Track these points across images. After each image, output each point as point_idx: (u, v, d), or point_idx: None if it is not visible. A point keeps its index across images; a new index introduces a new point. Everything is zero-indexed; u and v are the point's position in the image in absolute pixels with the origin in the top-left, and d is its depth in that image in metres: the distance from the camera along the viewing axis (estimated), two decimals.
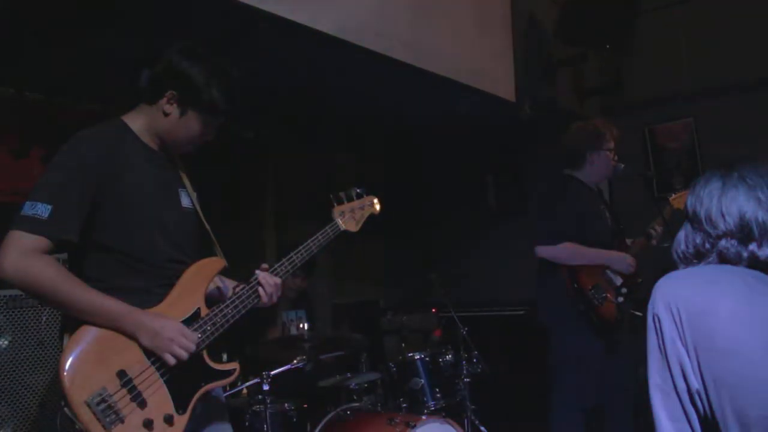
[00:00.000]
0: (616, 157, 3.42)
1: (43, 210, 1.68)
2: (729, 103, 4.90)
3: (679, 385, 1.37)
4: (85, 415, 1.60)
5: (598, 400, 3.28)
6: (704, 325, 1.34)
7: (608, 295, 3.23)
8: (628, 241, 3.51)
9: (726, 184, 1.47)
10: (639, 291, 3.26)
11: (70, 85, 3.56)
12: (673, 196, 3.35)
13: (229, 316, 1.94)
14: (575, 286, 3.20)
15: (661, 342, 1.40)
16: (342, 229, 2.32)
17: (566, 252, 3.21)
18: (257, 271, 2.06)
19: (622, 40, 5.24)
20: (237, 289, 2.02)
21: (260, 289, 2.02)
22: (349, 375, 3.79)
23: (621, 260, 3.29)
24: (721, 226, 1.44)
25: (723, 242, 1.43)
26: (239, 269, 2.17)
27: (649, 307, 1.44)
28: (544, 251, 3.26)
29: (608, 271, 3.32)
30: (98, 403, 1.62)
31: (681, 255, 1.51)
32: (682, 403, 1.36)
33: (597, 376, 3.20)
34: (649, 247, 3.40)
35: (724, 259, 1.43)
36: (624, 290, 3.25)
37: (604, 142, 3.37)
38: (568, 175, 3.45)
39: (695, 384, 1.34)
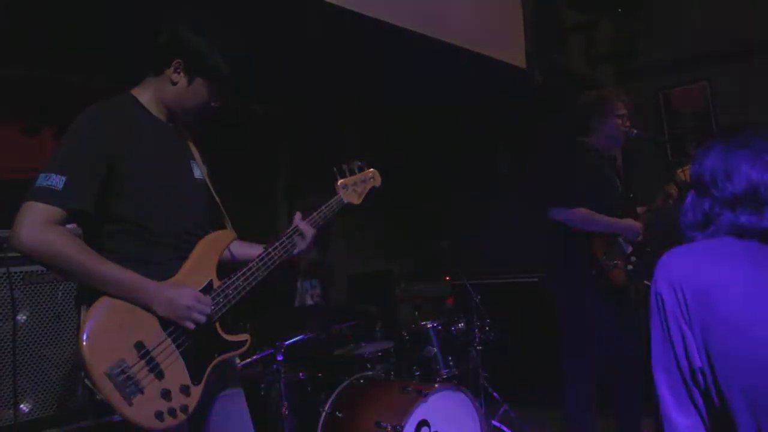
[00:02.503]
0: (627, 123, 3.40)
1: (57, 181, 1.69)
2: (744, 66, 4.82)
3: (682, 364, 1.35)
4: (106, 387, 1.63)
5: (609, 367, 3.30)
6: (709, 302, 1.32)
7: (619, 262, 3.24)
8: (640, 209, 3.51)
9: (729, 148, 1.43)
10: (648, 259, 3.27)
11: (80, 62, 3.56)
12: (681, 169, 3.34)
13: (241, 287, 1.96)
14: (586, 251, 3.21)
15: (663, 320, 1.38)
16: (345, 202, 2.35)
17: (579, 217, 3.22)
18: (295, 219, 2.15)
19: (633, 4, 5.15)
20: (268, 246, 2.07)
21: (297, 237, 2.11)
22: (362, 344, 3.84)
23: (630, 229, 3.29)
24: (729, 188, 1.40)
25: (736, 211, 1.38)
26: (250, 242, 2.20)
27: (651, 285, 1.42)
28: (558, 214, 3.27)
29: (620, 238, 3.32)
30: (118, 375, 1.65)
31: (689, 224, 1.47)
32: (686, 382, 1.35)
33: (607, 342, 3.23)
34: (668, 207, 3.39)
35: (738, 231, 1.39)
36: (633, 258, 3.27)
37: (614, 110, 3.36)
38: (580, 142, 3.44)
39: (698, 362, 1.33)
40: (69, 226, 1.76)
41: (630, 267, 3.26)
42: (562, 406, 3.38)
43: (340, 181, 2.37)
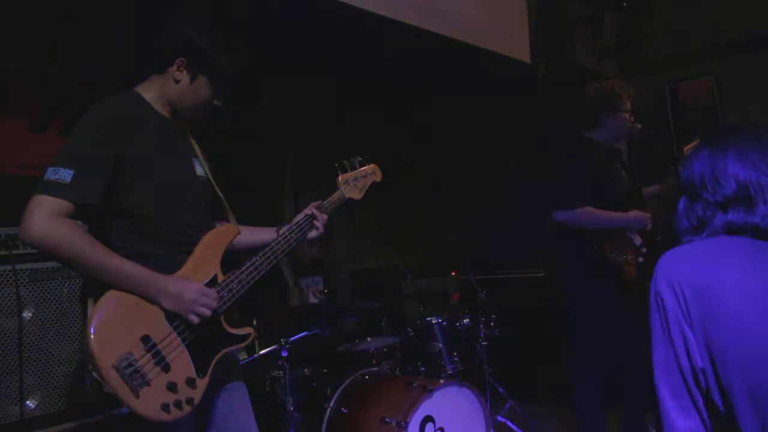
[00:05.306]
0: (632, 118, 3.38)
1: (65, 174, 1.71)
2: (751, 60, 4.80)
3: (683, 364, 1.34)
4: (113, 379, 1.64)
5: (617, 361, 3.28)
6: (710, 301, 1.31)
7: (629, 256, 3.22)
8: (647, 190, 3.49)
9: (715, 151, 1.44)
10: (659, 249, 3.24)
11: (88, 58, 3.56)
12: (687, 146, 3.31)
13: (245, 282, 1.98)
14: (596, 248, 3.19)
15: (664, 321, 1.37)
16: (346, 197, 2.39)
17: (585, 217, 3.19)
18: (310, 207, 2.24)
19: None
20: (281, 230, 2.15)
21: (315, 222, 2.22)
22: (368, 339, 3.83)
23: (639, 220, 3.27)
24: (719, 191, 1.40)
25: (728, 212, 1.39)
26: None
27: (651, 285, 1.41)
28: (562, 216, 3.24)
29: (628, 231, 3.30)
30: (125, 368, 1.66)
31: (685, 230, 1.47)
32: (687, 383, 1.34)
33: (616, 337, 3.21)
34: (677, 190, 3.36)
35: (730, 229, 1.39)
36: (644, 250, 3.24)
37: (621, 103, 3.33)
38: (585, 137, 3.41)
39: (699, 362, 1.31)
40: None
41: (641, 259, 3.23)
42: (567, 401, 3.36)
43: (341, 177, 2.40)
